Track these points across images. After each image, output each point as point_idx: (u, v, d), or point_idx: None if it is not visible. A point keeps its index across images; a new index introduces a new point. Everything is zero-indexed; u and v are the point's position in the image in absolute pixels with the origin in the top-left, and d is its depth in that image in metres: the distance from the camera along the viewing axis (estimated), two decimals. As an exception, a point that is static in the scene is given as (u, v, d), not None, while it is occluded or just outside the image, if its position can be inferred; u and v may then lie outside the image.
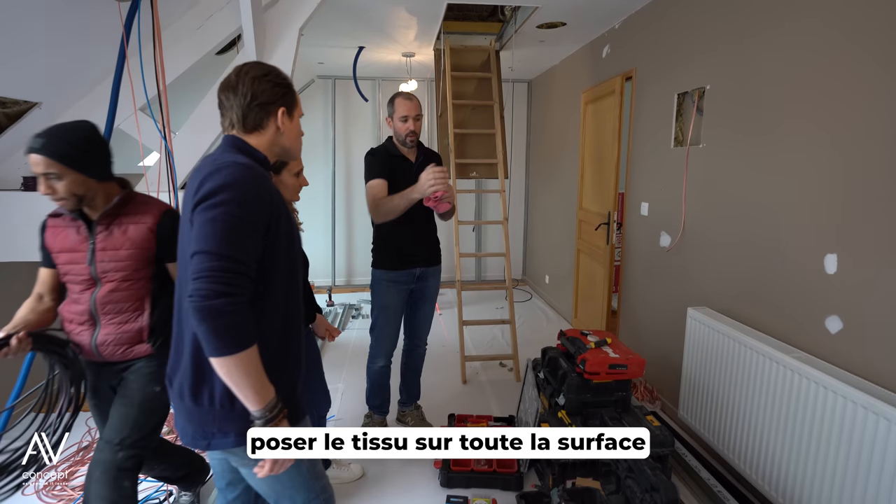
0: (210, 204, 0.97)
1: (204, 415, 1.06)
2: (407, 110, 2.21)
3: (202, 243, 0.96)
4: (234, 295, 0.96)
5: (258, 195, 1.03)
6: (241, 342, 0.96)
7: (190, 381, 1.06)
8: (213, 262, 0.95)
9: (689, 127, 2.48)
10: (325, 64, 4.62)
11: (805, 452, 1.67)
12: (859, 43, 1.59)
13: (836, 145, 1.68)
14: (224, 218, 0.97)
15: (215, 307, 0.93)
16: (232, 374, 0.97)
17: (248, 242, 1.00)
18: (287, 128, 1.18)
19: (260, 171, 1.08)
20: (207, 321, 0.94)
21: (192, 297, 0.94)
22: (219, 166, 1.02)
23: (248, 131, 1.13)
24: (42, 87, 2.28)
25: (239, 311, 0.96)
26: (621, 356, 2.14)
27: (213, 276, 0.94)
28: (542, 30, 3.42)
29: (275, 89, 1.14)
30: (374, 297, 2.38)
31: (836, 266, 1.68)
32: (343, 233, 5.52)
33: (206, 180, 1.00)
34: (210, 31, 2.52)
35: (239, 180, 1.00)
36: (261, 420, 1.01)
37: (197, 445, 1.09)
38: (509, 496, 2.06)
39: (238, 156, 1.08)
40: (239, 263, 0.97)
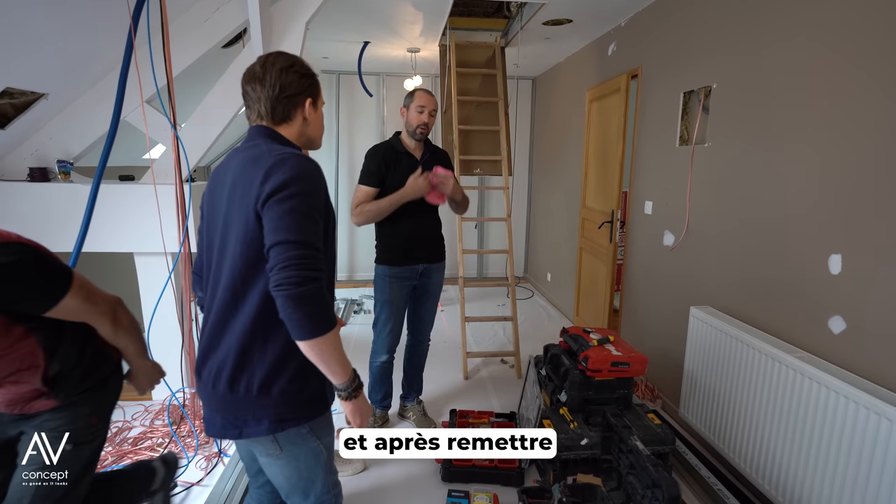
0: (284, 196, 1.01)
1: (238, 402, 1.08)
2: (425, 102, 2.22)
3: (282, 234, 0.99)
4: (319, 280, 1.00)
5: (320, 184, 1.08)
6: (330, 322, 1.02)
7: (230, 369, 1.07)
8: (296, 250, 0.98)
9: (695, 126, 2.47)
10: (329, 59, 4.62)
11: (806, 452, 1.68)
12: (868, 41, 1.58)
13: (843, 146, 1.68)
14: (299, 208, 1.01)
15: (307, 293, 0.97)
16: (323, 354, 1.02)
17: (317, 229, 1.05)
18: (313, 118, 1.19)
19: (314, 160, 1.11)
20: (303, 307, 0.97)
21: (282, 286, 0.97)
22: (281, 157, 1.05)
23: (276, 123, 1.15)
24: (49, 78, 2.29)
25: (324, 293, 1.02)
26: (624, 354, 2.15)
27: (299, 263, 0.98)
28: (547, 26, 3.41)
29: (301, 80, 1.15)
30: (377, 293, 2.38)
31: (840, 266, 1.68)
32: (345, 228, 5.53)
33: (272, 171, 1.02)
34: (217, 24, 2.52)
35: (306, 171, 1.05)
36: (345, 392, 1.09)
37: (226, 435, 1.12)
38: (510, 492, 2.07)
39: (287, 147, 1.11)
40: (316, 250, 1.02)
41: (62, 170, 2.51)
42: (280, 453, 1.15)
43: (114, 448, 2.29)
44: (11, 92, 2.22)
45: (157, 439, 2.37)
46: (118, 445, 2.32)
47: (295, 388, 1.09)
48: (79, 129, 2.59)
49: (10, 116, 2.36)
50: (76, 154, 2.62)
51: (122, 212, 2.48)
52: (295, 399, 1.10)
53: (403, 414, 2.69)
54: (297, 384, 1.09)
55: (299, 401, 1.11)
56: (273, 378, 1.07)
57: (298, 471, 1.19)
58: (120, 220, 2.48)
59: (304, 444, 1.16)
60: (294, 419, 1.11)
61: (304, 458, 1.17)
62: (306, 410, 1.13)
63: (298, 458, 1.17)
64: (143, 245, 2.51)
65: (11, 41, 1.96)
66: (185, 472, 2.13)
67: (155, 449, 2.30)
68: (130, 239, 2.51)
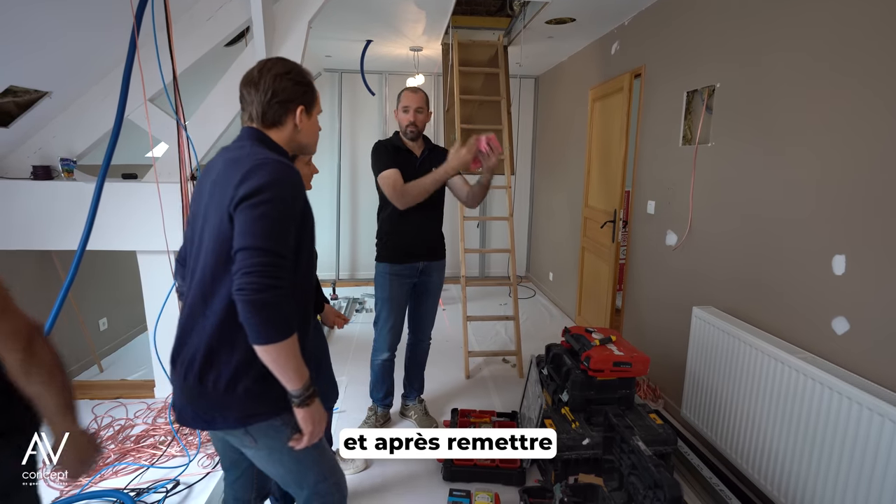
0: (257, 201, 1.01)
1: (207, 395, 1.09)
2: (408, 101, 2.22)
3: (249, 239, 1.00)
4: (280, 287, 1.00)
5: (296, 192, 1.08)
6: (288, 330, 1.03)
7: (199, 364, 1.09)
8: (261, 257, 0.99)
9: (699, 125, 2.46)
10: (332, 57, 4.61)
11: (808, 453, 1.67)
12: (873, 41, 1.57)
13: (847, 146, 1.67)
14: (271, 214, 1.01)
15: (266, 300, 0.98)
16: (277, 360, 1.03)
17: (288, 237, 1.05)
18: (305, 125, 1.20)
19: (294, 167, 1.11)
20: (261, 313, 0.99)
21: (243, 290, 0.98)
22: (260, 162, 1.06)
23: (266, 126, 1.17)
24: (53, 76, 2.29)
25: (285, 301, 1.02)
26: (626, 354, 2.14)
27: (262, 270, 0.99)
28: (550, 25, 3.40)
29: (295, 87, 1.16)
30: (378, 291, 2.39)
31: (844, 267, 1.67)
32: (347, 227, 5.53)
33: (248, 175, 1.04)
34: (219, 22, 2.52)
35: (282, 177, 1.05)
36: (298, 398, 1.08)
37: (196, 425, 1.14)
38: (511, 491, 2.07)
39: (270, 152, 1.11)
40: (282, 258, 1.02)
41: (65, 168, 2.52)
42: (256, 445, 1.15)
43: (116, 446, 2.30)
44: (15, 90, 2.23)
45: (159, 437, 2.38)
46: (121, 443, 2.33)
47: (260, 388, 1.09)
48: (82, 128, 2.59)
49: (14, 115, 2.37)
50: (80, 152, 2.63)
51: (126, 210, 2.48)
52: (262, 397, 1.10)
53: (405, 413, 2.69)
54: (262, 384, 1.09)
55: (267, 397, 1.10)
56: (239, 377, 1.08)
57: (283, 463, 1.19)
58: (123, 218, 2.49)
59: (280, 437, 1.14)
60: (263, 414, 1.11)
61: (286, 449, 1.16)
62: (276, 405, 1.11)
63: (279, 450, 1.16)
64: (146, 243, 2.51)
65: (15, 39, 1.97)
66: (186, 470, 2.14)
67: (157, 447, 2.31)
68: (133, 237, 2.52)
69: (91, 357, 3.17)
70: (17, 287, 2.21)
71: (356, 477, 2.19)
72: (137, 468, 2.15)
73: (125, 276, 3.46)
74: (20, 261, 2.68)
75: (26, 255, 2.70)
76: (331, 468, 1.27)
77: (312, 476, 1.23)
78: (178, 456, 2.25)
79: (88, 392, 2.85)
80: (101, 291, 3.32)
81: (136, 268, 2.64)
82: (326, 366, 2.01)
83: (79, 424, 1.00)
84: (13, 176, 2.53)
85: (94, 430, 1.19)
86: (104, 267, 3.34)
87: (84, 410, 2.64)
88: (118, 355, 3.42)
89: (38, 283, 2.81)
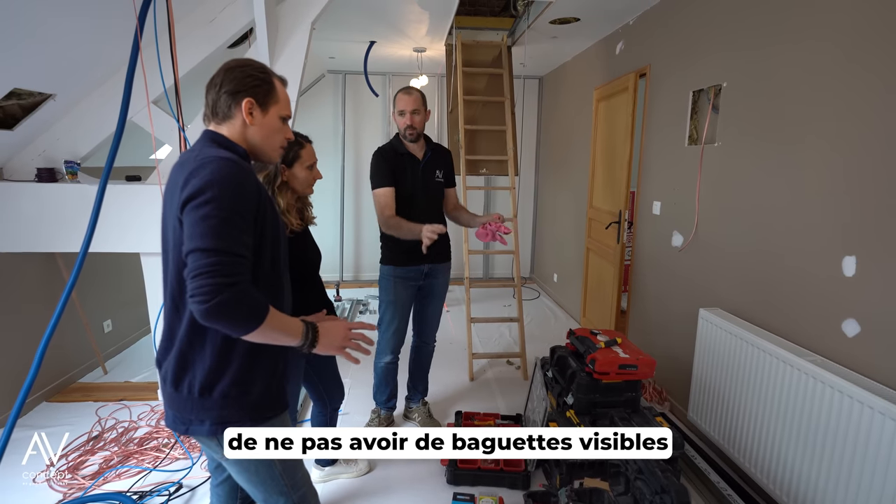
0: (199, 202, 0.97)
1: (183, 402, 1.08)
2: (403, 105, 2.20)
3: (196, 241, 0.96)
4: (236, 284, 0.96)
5: (244, 188, 1.02)
6: (259, 316, 1.00)
7: (174, 368, 1.08)
8: (209, 257, 0.95)
9: (705, 125, 2.44)
10: (335, 59, 4.61)
11: (819, 457, 1.64)
12: (879, 41, 1.54)
13: (856, 146, 1.64)
14: (216, 214, 0.97)
15: (223, 301, 0.94)
16: (265, 338, 1.03)
17: (240, 233, 1.00)
18: (258, 122, 1.12)
19: (244, 164, 1.06)
20: (221, 317, 0.96)
21: (195, 296, 0.94)
22: (202, 162, 1.01)
23: (218, 122, 1.12)
24: (57, 78, 2.30)
25: (245, 294, 0.98)
26: (631, 356, 2.12)
27: (211, 270, 0.94)
28: (554, 25, 3.38)
29: (245, 79, 1.10)
30: (382, 293, 2.37)
31: (854, 268, 1.64)
32: (351, 228, 5.53)
33: (191, 177, 1.00)
34: (222, 24, 2.52)
35: (225, 175, 1.00)
36: (306, 347, 1.09)
37: (177, 429, 1.12)
38: (516, 495, 2.05)
39: (220, 150, 1.06)
40: (234, 255, 0.98)
41: (69, 170, 2.52)
42: (227, 458, 1.14)
43: (120, 448, 2.30)
44: (19, 93, 2.23)
45: (162, 440, 2.38)
46: (124, 446, 2.33)
47: (236, 392, 1.08)
48: (86, 130, 2.60)
49: (18, 117, 2.37)
50: (83, 154, 2.63)
51: (129, 212, 2.48)
52: (237, 402, 1.08)
53: (408, 415, 2.67)
54: (238, 388, 1.08)
55: (242, 403, 1.09)
56: (213, 381, 1.06)
57: (251, 480, 1.17)
58: (126, 220, 2.49)
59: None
60: (237, 422, 1.09)
61: (255, 468, 1.15)
62: (251, 413, 1.10)
63: (247, 467, 1.15)
64: (149, 245, 2.51)
65: (19, 42, 1.97)
66: (189, 474, 2.13)
67: (161, 449, 2.30)
68: (137, 239, 2.52)
69: (95, 359, 3.18)
70: (21, 289, 2.20)
71: (359, 480, 2.17)
72: (140, 471, 2.15)
73: (129, 278, 3.47)
74: (25, 263, 2.69)
75: (31, 258, 2.71)
76: (300, 496, 1.22)
77: (282, 500, 1.20)
78: (181, 459, 2.24)
79: (92, 394, 2.85)
80: (105, 293, 3.33)
81: (140, 270, 2.64)
82: (332, 365, 2.00)
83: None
84: (18, 178, 2.54)
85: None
86: (108, 269, 3.35)
87: (87, 412, 2.64)
88: (122, 357, 3.42)
89: (43, 284, 2.81)
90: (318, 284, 1.79)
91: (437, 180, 2.33)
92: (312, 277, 1.76)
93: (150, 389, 2.88)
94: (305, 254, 1.72)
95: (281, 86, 1.16)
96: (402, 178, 2.23)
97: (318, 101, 5.25)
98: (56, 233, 2.51)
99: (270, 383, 1.12)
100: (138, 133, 2.61)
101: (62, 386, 2.93)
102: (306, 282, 1.71)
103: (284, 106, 1.16)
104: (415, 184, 2.26)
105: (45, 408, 2.71)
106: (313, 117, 5.20)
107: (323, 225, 5.33)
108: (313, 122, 5.17)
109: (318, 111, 5.26)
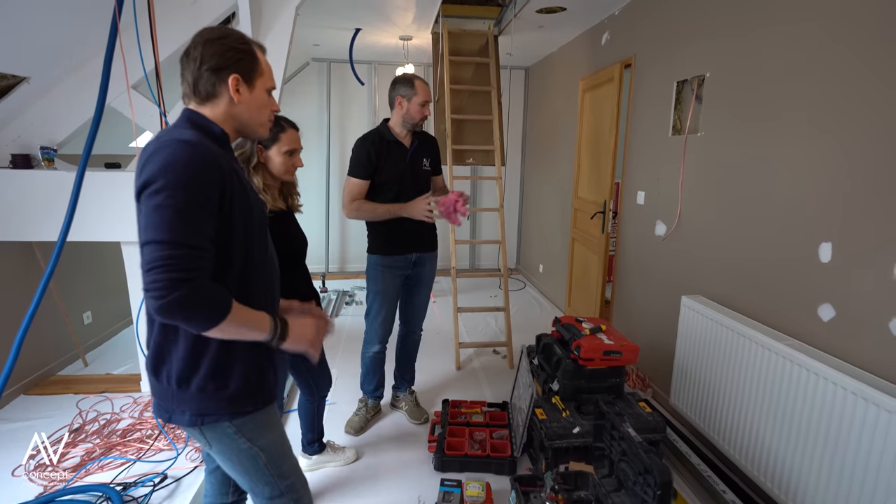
0: (153, 190, 0.92)
1: (163, 391, 1.07)
2: (428, 96, 2.22)
3: (150, 233, 0.92)
4: (192, 279, 0.92)
5: (203, 174, 0.95)
6: (220, 312, 0.96)
7: (152, 358, 1.07)
8: (163, 250, 0.90)
9: (688, 115, 2.47)
10: (320, 46, 4.54)
11: (795, 439, 1.70)
12: (860, 32, 1.58)
13: (834, 135, 1.68)
14: (170, 203, 0.91)
15: (179, 299, 0.90)
16: (228, 334, 1.00)
17: (199, 224, 0.94)
18: (245, 98, 1.06)
19: (206, 147, 0.98)
20: (178, 313, 0.92)
21: (149, 291, 0.89)
22: (160, 146, 0.95)
23: (201, 101, 1.05)
24: (31, 61, 2.22)
25: (202, 290, 0.93)
26: (616, 343, 2.15)
27: (166, 264, 0.90)
28: (541, 14, 3.38)
29: (227, 53, 1.03)
30: (370, 283, 2.37)
31: (830, 254, 1.69)
32: (337, 219, 5.49)
33: (147, 163, 0.94)
34: (204, 7, 2.46)
35: (180, 160, 0.93)
36: (274, 341, 1.07)
37: (161, 416, 1.11)
38: (503, 480, 2.08)
39: (185, 131, 1.00)
40: (191, 248, 0.93)
41: (45, 156, 2.45)
42: (210, 448, 1.13)
43: (102, 440, 2.27)
44: (-9, 75, 2.16)
45: (146, 431, 2.35)
46: (107, 438, 2.29)
47: (213, 386, 1.05)
48: (62, 115, 2.52)
49: (-9, 101, 2.29)
50: (60, 140, 2.55)
51: (108, 200, 2.42)
52: (214, 395, 1.06)
53: (395, 404, 2.68)
54: (215, 381, 1.05)
55: (220, 396, 1.06)
56: (189, 374, 1.04)
57: (235, 469, 1.17)
58: (106, 208, 2.43)
59: (232, 444, 1.12)
60: (215, 414, 1.07)
61: (238, 459, 1.14)
62: (229, 406, 1.08)
63: (230, 457, 1.14)
64: (130, 234, 2.46)
65: (-10, 22, 1.90)
66: (174, 464, 2.11)
67: (144, 440, 2.27)
68: (117, 227, 2.46)
69: (75, 351, 3.11)
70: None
71: (347, 468, 2.18)
72: (124, 462, 2.12)
73: (110, 268, 3.39)
74: (1, 252, 2.61)
75: (6, 247, 2.63)
76: (288, 485, 1.21)
77: (268, 489, 1.19)
78: (166, 450, 2.22)
79: (73, 387, 2.80)
80: (85, 284, 3.25)
81: (121, 259, 2.59)
82: (320, 353, 1.98)
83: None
84: (-9, 165, 2.46)
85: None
86: (89, 259, 3.27)
87: (68, 405, 2.59)
88: (103, 349, 3.35)
89: (20, 275, 2.74)
90: (304, 271, 1.78)
91: (424, 168, 2.32)
92: (298, 263, 1.75)
93: (132, 381, 2.83)
94: (291, 239, 1.70)
95: (262, 56, 1.10)
96: (387, 166, 2.22)
97: (302, 89, 5.17)
98: (32, 221, 2.44)
99: (249, 376, 1.09)
100: (118, 119, 2.54)
101: (41, 378, 2.86)
102: (293, 267, 1.70)
103: (269, 77, 1.11)
104: (402, 171, 2.25)
105: (24, 401, 2.65)
106: (297, 106, 5.12)
107: (308, 216, 5.26)
108: (298, 111, 5.09)
109: (302, 100, 5.18)
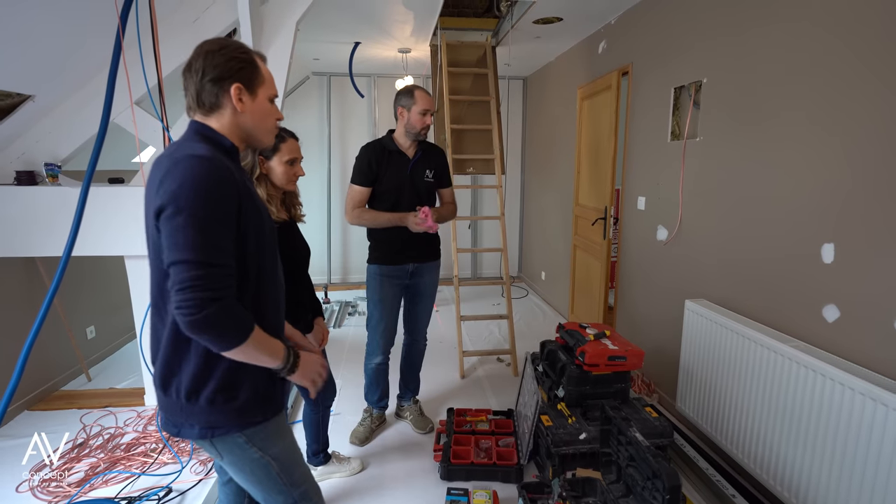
0: (174, 210, 0.93)
1: (172, 405, 1.07)
2: (428, 104, 2.23)
3: (176, 253, 0.93)
4: (222, 298, 0.95)
5: (220, 189, 0.97)
6: (244, 333, 0.99)
7: (161, 372, 1.07)
8: (192, 270, 0.92)
9: (686, 121, 2.49)
10: (320, 60, 4.60)
11: (803, 441, 1.68)
12: (857, 34, 1.60)
13: (833, 136, 1.70)
14: (191, 223, 0.93)
15: (207, 317, 0.93)
16: (247, 357, 1.02)
17: (221, 240, 0.96)
18: (249, 108, 1.07)
19: (220, 161, 0.99)
20: (206, 331, 0.94)
21: (181, 309, 0.92)
22: (174, 161, 0.96)
23: (206, 113, 1.06)
24: (36, 79, 2.26)
25: (230, 309, 0.96)
26: (620, 348, 2.15)
27: (196, 284, 0.92)
28: (538, 25, 3.42)
29: (229, 63, 1.03)
30: (370, 292, 2.37)
31: (833, 255, 1.69)
32: (339, 230, 5.51)
33: (164, 179, 0.95)
34: (205, 24, 2.50)
35: (196, 178, 0.94)
36: (284, 371, 1.09)
37: (169, 431, 1.10)
38: (510, 488, 2.06)
39: (198, 145, 1.00)
40: (218, 267, 0.95)
41: (50, 173, 2.48)
42: (222, 459, 1.13)
43: (106, 454, 2.26)
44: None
45: (150, 445, 2.34)
46: (111, 452, 2.28)
47: (222, 398, 1.05)
48: (67, 132, 2.55)
49: (-4, 119, 2.32)
50: (64, 157, 2.58)
51: (112, 215, 2.44)
52: (224, 407, 1.06)
53: (400, 414, 2.67)
54: (224, 394, 1.05)
55: (230, 408, 1.06)
56: (199, 387, 1.04)
57: (248, 480, 1.16)
58: (110, 222, 2.45)
59: (244, 454, 1.11)
60: (225, 426, 1.07)
61: (250, 469, 1.13)
62: (239, 418, 1.08)
63: (242, 468, 1.14)
64: (133, 248, 2.47)
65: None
66: (179, 477, 2.10)
67: (148, 454, 2.26)
68: (120, 241, 2.48)
69: (79, 366, 3.11)
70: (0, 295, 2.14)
71: (353, 479, 2.16)
72: (129, 476, 2.11)
73: (113, 282, 3.41)
74: (4, 268, 2.63)
75: (10, 263, 2.65)
76: (302, 493, 1.20)
77: (281, 498, 1.19)
78: (171, 463, 2.21)
79: (76, 402, 2.79)
80: (88, 299, 3.26)
81: (124, 274, 2.60)
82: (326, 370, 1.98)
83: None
84: (-4, 182, 2.49)
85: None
86: (92, 274, 3.28)
87: (72, 420, 2.59)
88: (106, 364, 3.35)
89: (24, 290, 2.75)
90: (308, 282, 1.79)
91: (426, 180, 2.33)
92: (302, 273, 1.76)
93: (136, 395, 2.83)
94: (295, 249, 1.71)
95: (263, 64, 1.11)
96: (388, 175, 2.24)
97: (303, 103, 5.23)
98: (36, 237, 2.46)
99: (258, 388, 1.09)
100: (121, 135, 2.57)
101: (45, 394, 2.86)
102: (297, 278, 1.70)
103: (270, 85, 1.11)
104: (401, 181, 2.26)
105: (27, 416, 2.65)
106: (299, 119, 5.17)
107: (311, 227, 5.31)
108: (299, 124, 5.14)
109: (303, 113, 5.24)
